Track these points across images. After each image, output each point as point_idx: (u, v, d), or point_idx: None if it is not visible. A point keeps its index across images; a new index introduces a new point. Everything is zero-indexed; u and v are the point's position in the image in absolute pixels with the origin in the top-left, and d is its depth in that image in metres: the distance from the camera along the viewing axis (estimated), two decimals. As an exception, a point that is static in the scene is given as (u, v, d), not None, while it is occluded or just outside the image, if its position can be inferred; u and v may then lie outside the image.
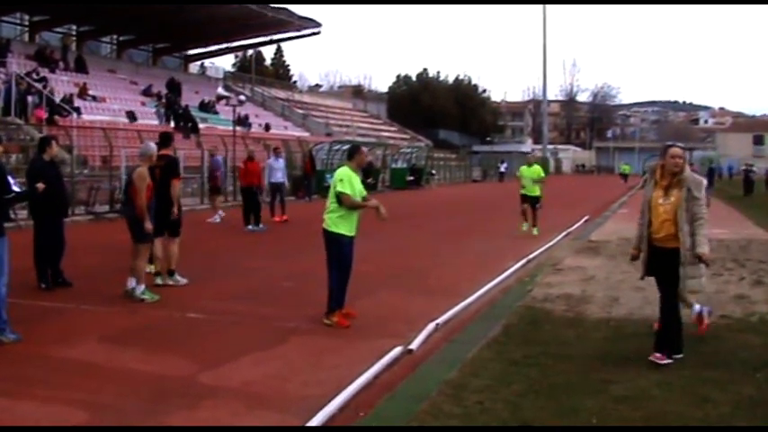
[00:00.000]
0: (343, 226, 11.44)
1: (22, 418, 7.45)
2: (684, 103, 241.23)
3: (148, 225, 13.28)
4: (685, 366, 8.94)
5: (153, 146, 14.31)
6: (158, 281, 14.34)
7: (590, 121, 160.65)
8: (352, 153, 12.04)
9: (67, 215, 15.66)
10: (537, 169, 25.96)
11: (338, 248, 11.49)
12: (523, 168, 26.19)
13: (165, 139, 15.32)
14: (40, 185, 12.96)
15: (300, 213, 30.16)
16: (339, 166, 12.07)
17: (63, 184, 15.08)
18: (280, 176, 28.99)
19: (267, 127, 60.59)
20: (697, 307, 10.97)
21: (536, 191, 25.62)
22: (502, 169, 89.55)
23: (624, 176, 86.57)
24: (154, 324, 11.75)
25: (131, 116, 46.60)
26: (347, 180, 11.39)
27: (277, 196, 29.10)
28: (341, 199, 11.34)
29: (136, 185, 13.54)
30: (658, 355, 9.15)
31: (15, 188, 11.26)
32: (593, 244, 21.45)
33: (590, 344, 10.26)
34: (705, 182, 9.52)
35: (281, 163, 29.68)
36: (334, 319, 11.45)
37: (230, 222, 26.09)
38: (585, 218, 31.60)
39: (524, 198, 25.68)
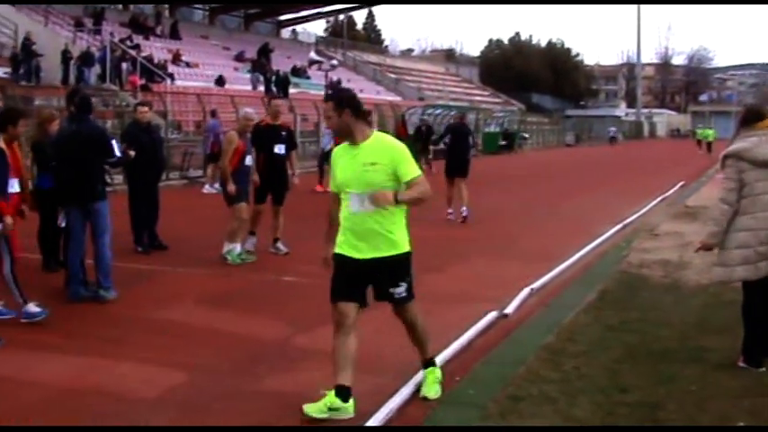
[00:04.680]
0: None
1: (122, 379, 7.57)
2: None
3: (230, 187, 13.21)
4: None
5: (249, 111, 14.31)
6: (228, 256, 13.46)
7: (685, 84, 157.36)
8: None
9: (160, 179, 15.71)
10: (388, 154, 6.90)
11: None
12: (341, 151, 7.22)
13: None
14: (131, 152, 13.15)
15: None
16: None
17: (158, 149, 15.17)
18: (326, 142, 26.58)
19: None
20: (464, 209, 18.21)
21: (399, 241, 7.06)
22: (612, 134, 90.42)
23: (706, 144, 64.31)
24: (249, 287, 11.88)
25: (220, 81, 46.80)
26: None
27: (325, 163, 25.77)
28: None
29: (223, 148, 13.68)
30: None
31: (117, 153, 11.46)
32: (690, 209, 21.04)
33: (688, 310, 10.10)
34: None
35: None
36: None
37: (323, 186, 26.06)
38: (681, 183, 31.08)
39: (347, 282, 6.95)
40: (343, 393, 6.64)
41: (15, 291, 9.51)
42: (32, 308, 9.50)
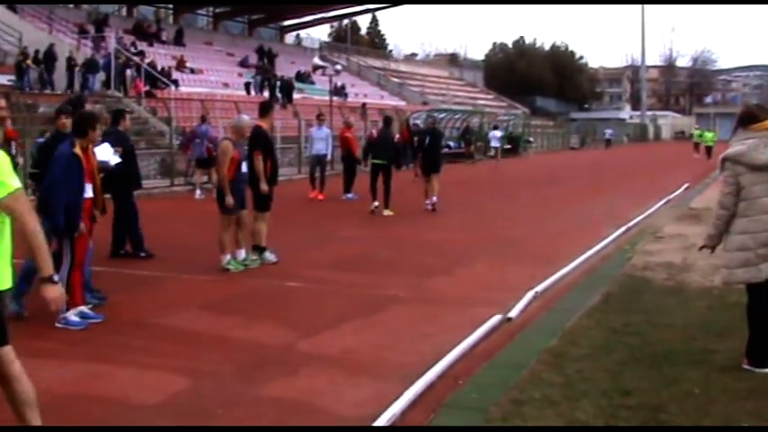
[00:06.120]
0: None
1: (124, 385, 7.57)
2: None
3: (228, 200, 12.98)
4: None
5: (244, 118, 14.21)
6: (230, 266, 13.35)
7: (689, 86, 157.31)
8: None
9: (141, 187, 15.45)
10: None
11: None
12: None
13: (261, 109, 14.63)
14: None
15: (395, 181, 30.00)
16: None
17: (134, 157, 14.95)
18: (322, 148, 26.42)
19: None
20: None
21: None
22: (607, 136, 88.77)
23: (705, 148, 57.12)
24: (253, 293, 11.87)
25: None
26: None
27: (317, 170, 26.34)
28: None
29: (218, 158, 13.60)
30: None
31: (116, 157, 11.58)
32: (694, 211, 20.98)
33: (692, 313, 10.06)
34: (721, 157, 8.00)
35: (323, 132, 26.92)
36: None
37: (328, 192, 26.06)
38: (686, 185, 31.03)
39: None
40: None
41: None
42: (72, 317, 9.66)
